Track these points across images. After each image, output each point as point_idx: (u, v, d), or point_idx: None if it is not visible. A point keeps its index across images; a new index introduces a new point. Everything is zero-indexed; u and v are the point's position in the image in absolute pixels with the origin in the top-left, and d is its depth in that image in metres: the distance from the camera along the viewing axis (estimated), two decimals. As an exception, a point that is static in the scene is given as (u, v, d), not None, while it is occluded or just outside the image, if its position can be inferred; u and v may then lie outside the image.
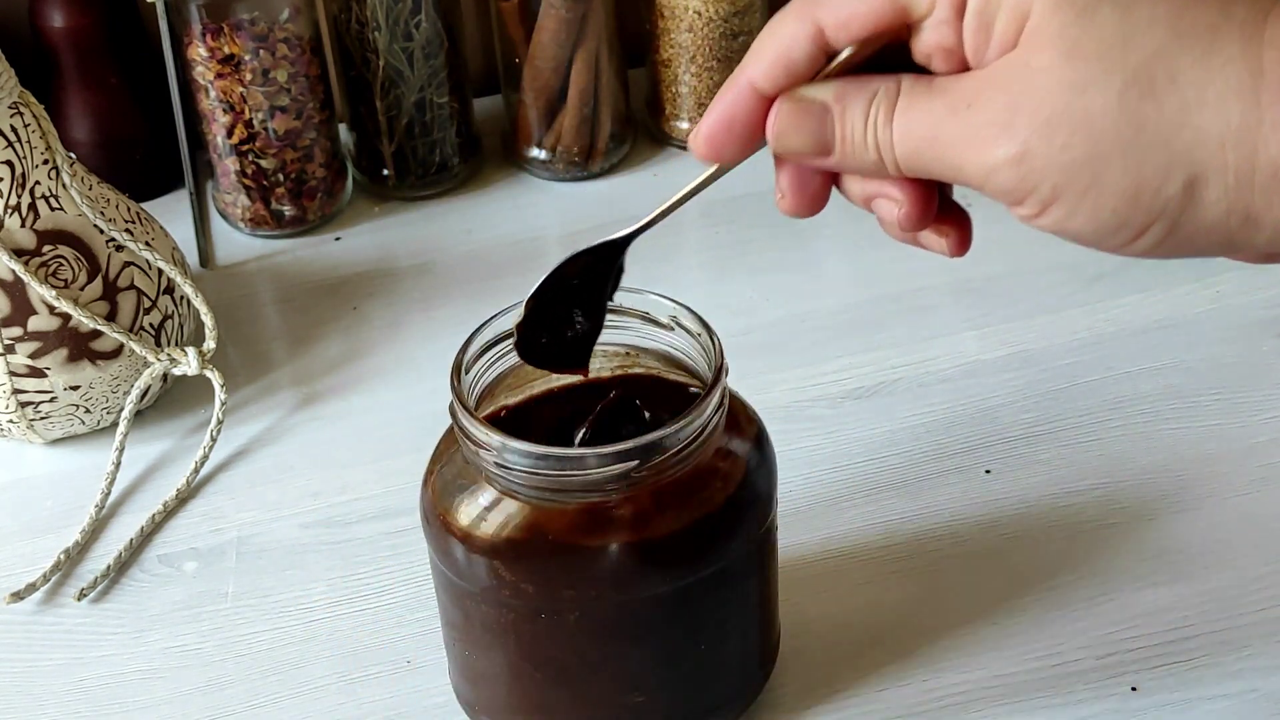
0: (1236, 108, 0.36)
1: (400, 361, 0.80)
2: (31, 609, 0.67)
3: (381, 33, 0.87)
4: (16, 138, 0.69)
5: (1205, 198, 0.37)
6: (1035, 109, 0.37)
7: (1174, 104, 0.36)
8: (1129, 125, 0.37)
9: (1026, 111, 0.37)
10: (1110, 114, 0.37)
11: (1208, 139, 0.36)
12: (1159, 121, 0.36)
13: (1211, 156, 0.36)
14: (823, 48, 0.41)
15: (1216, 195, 0.37)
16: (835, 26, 0.40)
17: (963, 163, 0.39)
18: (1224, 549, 0.65)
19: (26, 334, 0.70)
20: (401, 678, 0.62)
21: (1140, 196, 0.37)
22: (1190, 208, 0.37)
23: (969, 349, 0.77)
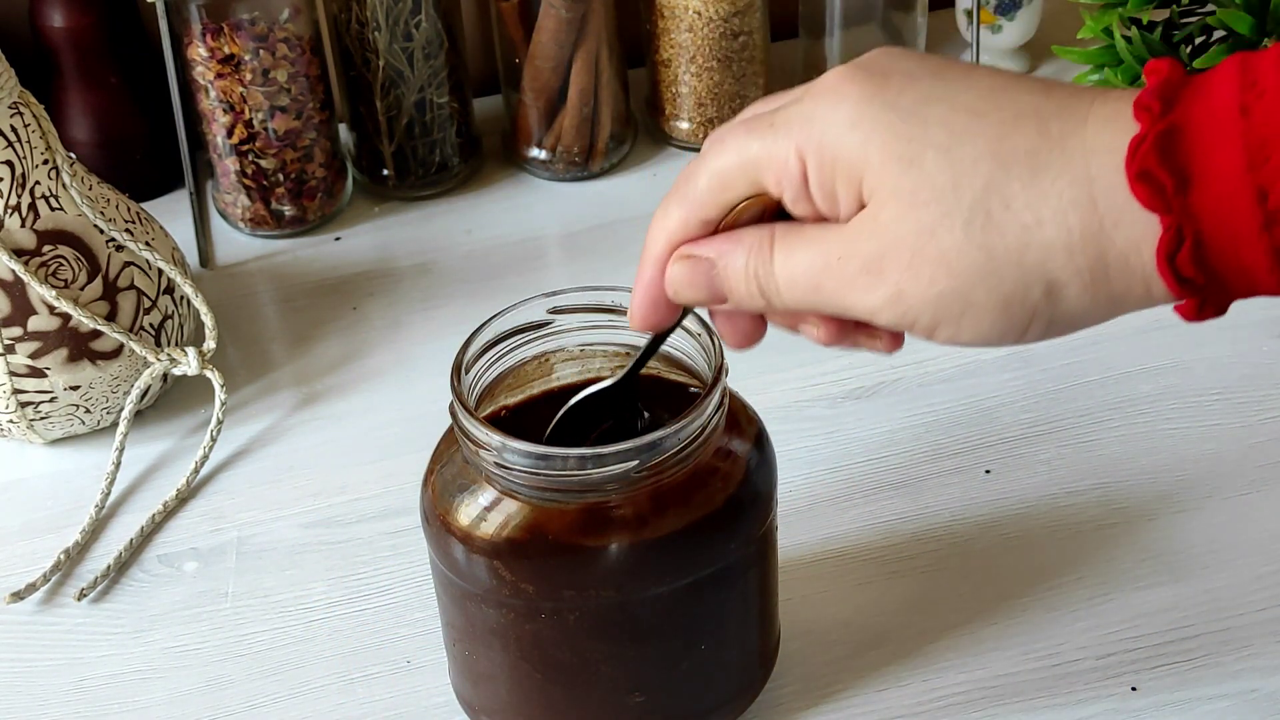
0: (1075, 218, 0.39)
1: (400, 361, 0.80)
2: (31, 609, 0.67)
3: (381, 33, 0.87)
4: (16, 138, 0.69)
5: (1068, 296, 0.40)
6: (897, 256, 0.41)
7: (1014, 229, 0.39)
8: (980, 254, 0.40)
9: (891, 259, 0.41)
10: (961, 249, 0.40)
11: (1055, 252, 0.39)
12: (1005, 247, 0.40)
13: (1062, 267, 0.40)
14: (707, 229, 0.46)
15: (1077, 292, 0.40)
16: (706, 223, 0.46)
17: (848, 305, 0.43)
18: (1224, 549, 0.65)
19: (26, 334, 0.70)
20: (401, 678, 0.62)
21: (1010, 308, 0.40)
22: (1059, 306, 0.40)
23: (969, 349, 0.77)
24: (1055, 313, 0.40)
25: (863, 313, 0.42)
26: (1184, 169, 0.38)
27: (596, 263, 0.87)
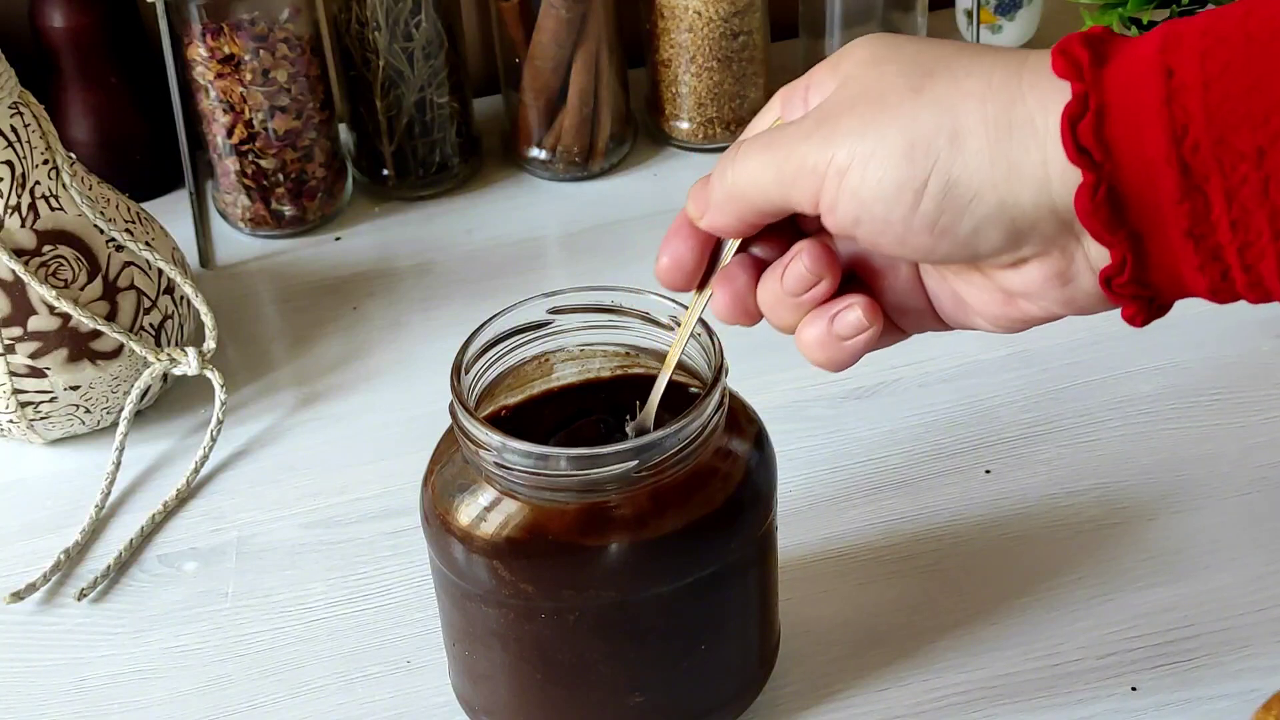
0: (999, 74, 0.42)
1: (400, 361, 0.80)
2: (31, 609, 0.67)
3: (381, 33, 0.87)
4: (16, 138, 0.69)
5: (969, 146, 0.41)
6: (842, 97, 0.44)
7: (945, 77, 0.42)
8: (909, 92, 0.42)
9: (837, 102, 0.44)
10: (896, 88, 0.43)
11: (969, 98, 0.41)
12: (932, 89, 0.42)
13: (972, 110, 0.41)
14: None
15: (978, 145, 0.41)
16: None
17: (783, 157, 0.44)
18: (1224, 549, 0.65)
19: (26, 334, 0.70)
20: (401, 678, 0.62)
21: (914, 149, 0.41)
22: (958, 159, 0.41)
23: (969, 349, 0.77)
24: (953, 168, 0.41)
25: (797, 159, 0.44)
26: (1103, 52, 0.40)
27: (596, 263, 0.87)
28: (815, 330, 0.47)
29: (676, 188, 0.94)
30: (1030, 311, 0.45)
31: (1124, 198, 0.40)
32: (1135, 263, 0.41)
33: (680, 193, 0.99)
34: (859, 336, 0.46)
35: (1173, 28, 0.39)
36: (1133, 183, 0.39)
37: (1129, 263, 0.41)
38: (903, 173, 0.42)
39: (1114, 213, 0.40)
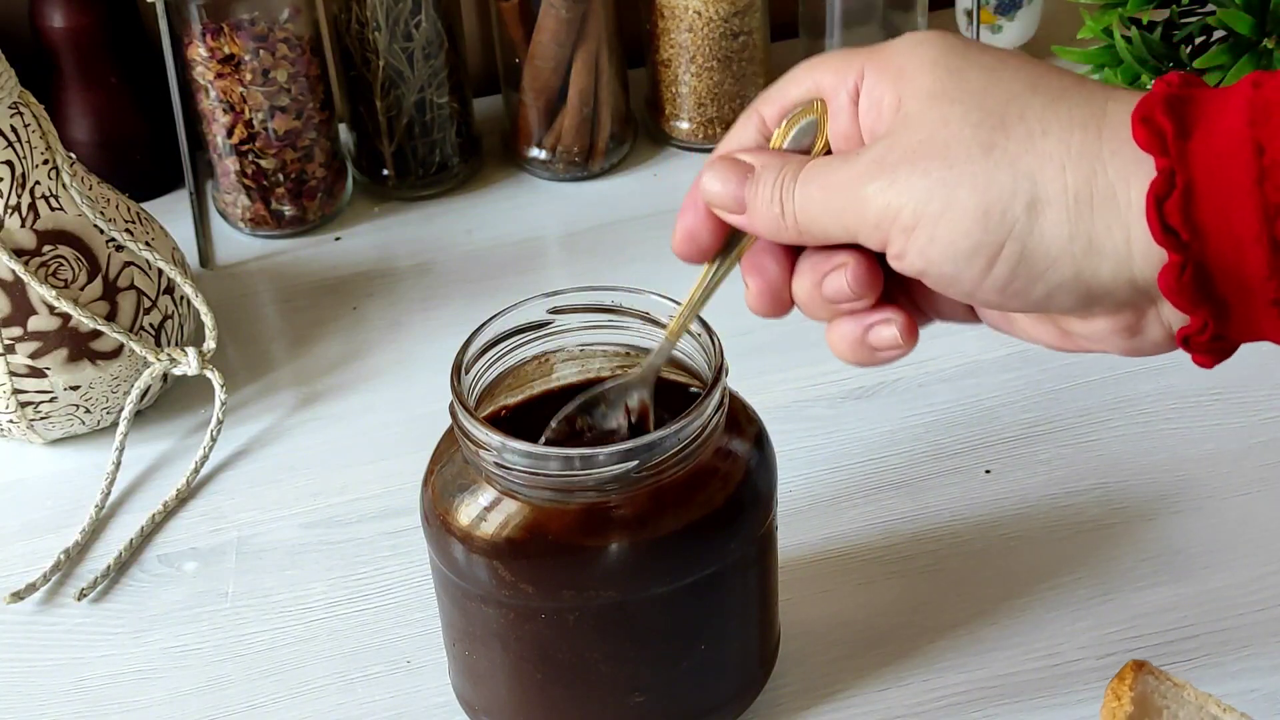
0: (1078, 137, 0.40)
1: (400, 361, 0.80)
2: (31, 609, 0.67)
3: (381, 33, 0.87)
4: (16, 138, 0.69)
5: (1048, 217, 0.40)
6: (905, 142, 0.42)
7: (1020, 133, 0.40)
8: (979, 149, 0.40)
9: (898, 146, 0.42)
10: (964, 141, 0.41)
11: (1048, 162, 0.40)
12: (1005, 147, 0.40)
13: (1051, 179, 0.40)
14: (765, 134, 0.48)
15: (1057, 217, 0.40)
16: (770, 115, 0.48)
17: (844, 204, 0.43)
18: (1224, 549, 0.65)
19: (26, 334, 0.70)
20: (401, 678, 0.62)
21: (989, 216, 0.40)
22: (1035, 229, 0.40)
23: (969, 349, 0.77)
24: (1030, 238, 0.40)
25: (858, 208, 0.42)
26: (1186, 121, 0.38)
27: (596, 263, 0.87)
28: (849, 332, 0.46)
29: (676, 188, 0.94)
30: (1086, 347, 0.45)
31: (1210, 274, 0.39)
32: (1216, 327, 0.40)
33: (681, 193, 0.98)
34: (891, 352, 0.46)
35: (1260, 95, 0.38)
36: (1220, 261, 0.39)
37: (1210, 327, 0.40)
38: (976, 238, 0.40)
39: (1199, 288, 0.39)
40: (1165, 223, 0.38)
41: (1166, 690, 0.47)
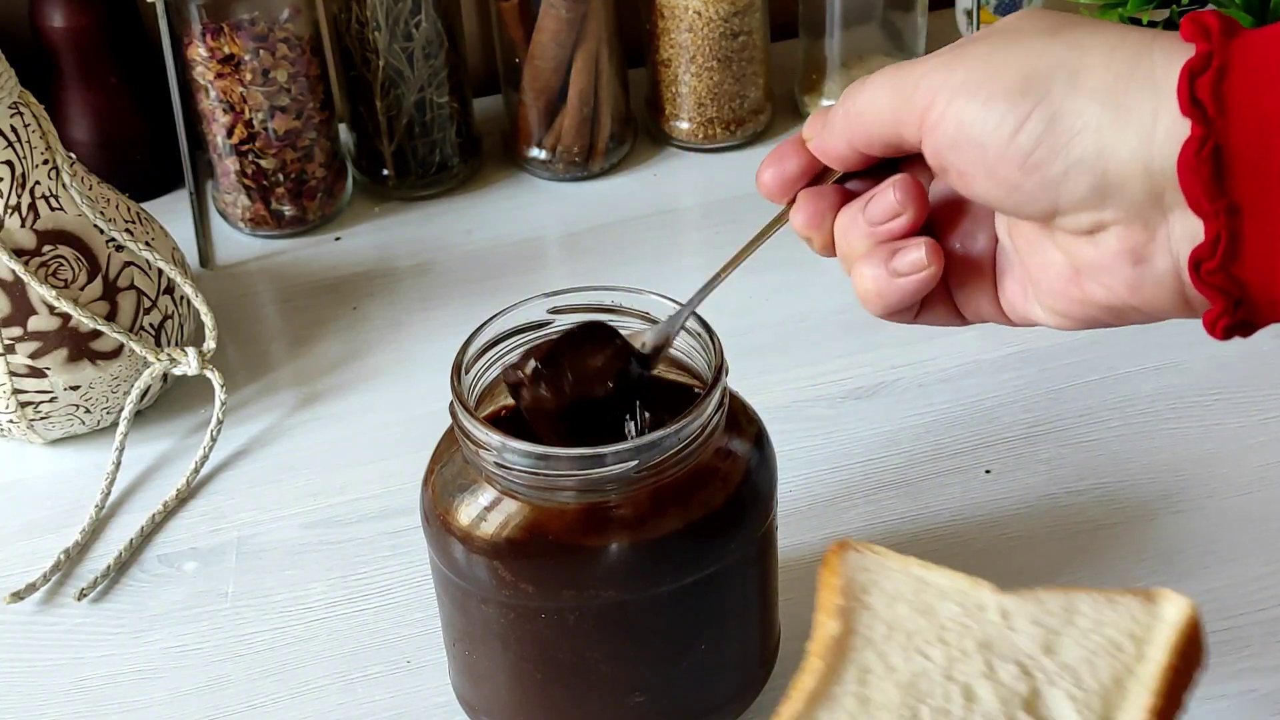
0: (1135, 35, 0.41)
1: (400, 361, 0.80)
2: (31, 609, 0.67)
3: (381, 33, 0.87)
4: (16, 138, 0.69)
5: (1085, 84, 0.41)
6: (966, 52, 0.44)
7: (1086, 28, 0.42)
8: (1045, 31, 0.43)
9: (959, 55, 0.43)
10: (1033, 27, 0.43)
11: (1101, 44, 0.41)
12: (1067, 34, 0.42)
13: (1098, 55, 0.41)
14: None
15: (1094, 84, 0.41)
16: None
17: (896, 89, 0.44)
18: (1224, 549, 0.65)
19: (26, 334, 0.70)
20: (401, 678, 0.62)
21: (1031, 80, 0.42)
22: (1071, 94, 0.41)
23: (969, 349, 0.77)
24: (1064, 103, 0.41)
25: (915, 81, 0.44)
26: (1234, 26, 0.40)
27: (596, 263, 0.87)
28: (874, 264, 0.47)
29: (676, 188, 0.94)
30: (1094, 294, 0.44)
31: (1230, 162, 0.39)
32: (1229, 245, 0.40)
33: (681, 193, 0.99)
34: (914, 275, 0.47)
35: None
36: (1243, 145, 0.38)
37: (1222, 242, 0.40)
38: (1012, 100, 0.42)
39: (1216, 176, 0.39)
40: (1194, 95, 0.39)
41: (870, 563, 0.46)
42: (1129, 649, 0.43)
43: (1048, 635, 0.43)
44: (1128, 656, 0.42)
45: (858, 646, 0.43)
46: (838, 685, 0.42)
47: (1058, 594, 0.45)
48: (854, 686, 0.42)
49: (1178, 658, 0.42)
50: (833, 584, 0.45)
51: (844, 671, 0.43)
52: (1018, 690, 0.41)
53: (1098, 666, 0.42)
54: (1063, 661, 0.42)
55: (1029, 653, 0.43)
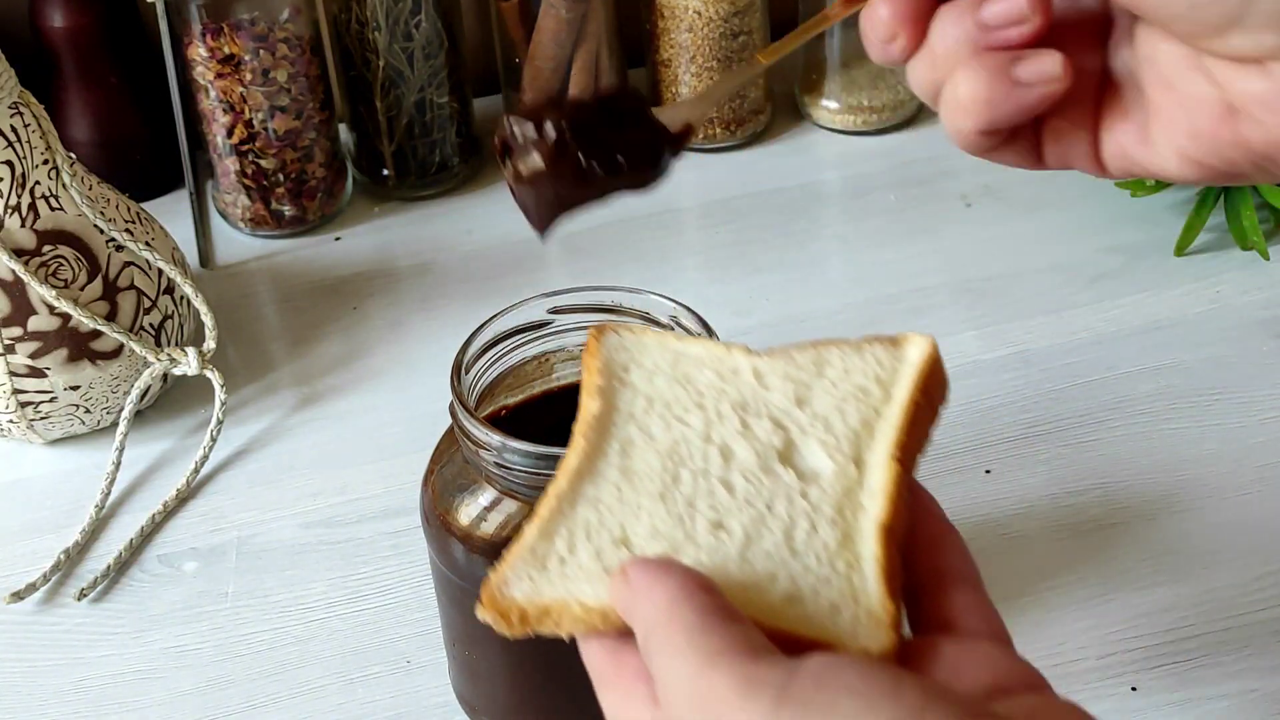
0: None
1: (400, 361, 0.80)
2: (31, 609, 0.67)
3: (381, 33, 0.87)
4: (16, 138, 0.69)
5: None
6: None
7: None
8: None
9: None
10: None
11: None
12: None
13: None
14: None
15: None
16: None
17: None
18: (1224, 549, 0.65)
19: (26, 334, 0.70)
20: (401, 678, 0.62)
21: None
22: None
23: (969, 349, 0.77)
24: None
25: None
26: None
27: (596, 263, 0.87)
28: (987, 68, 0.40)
29: (677, 188, 0.93)
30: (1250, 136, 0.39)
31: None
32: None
33: (681, 192, 0.99)
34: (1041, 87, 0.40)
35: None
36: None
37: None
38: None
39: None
40: None
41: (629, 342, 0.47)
42: (876, 393, 0.44)
43: (799, 389, 0.44)
44: (875, 399, 0.44)
45: (619, 422, 0.44)
46: (601, 460, 0.43)
47: (808, 349, 0.46)
48: (617, 459, 0.43)
49: (920, 394, 0.44)
50: (593, 366, 0.46)
51: (606, 446, 0.43)
52: (772, 443, 0.42)
53: (847, 412, 0.43)
54: (814, 411, 0.43)
55: (782, 407, 0.43)
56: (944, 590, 0.40)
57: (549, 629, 0.39)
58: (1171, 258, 0.82)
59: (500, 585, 0.40)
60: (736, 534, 0.40)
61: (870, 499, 0.41)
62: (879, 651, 0.37)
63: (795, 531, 0.40)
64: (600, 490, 0.42)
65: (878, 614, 0.38)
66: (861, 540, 0.40)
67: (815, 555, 0.39)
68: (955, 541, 0.43)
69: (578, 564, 0.40)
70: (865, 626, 0.38)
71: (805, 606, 0.38)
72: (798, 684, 0.33)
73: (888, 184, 0.92)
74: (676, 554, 0.40)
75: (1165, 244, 0.83)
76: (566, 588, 0.40)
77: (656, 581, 0.36)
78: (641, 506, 0.41)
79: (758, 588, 0.38)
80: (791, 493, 0.41)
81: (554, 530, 0.41)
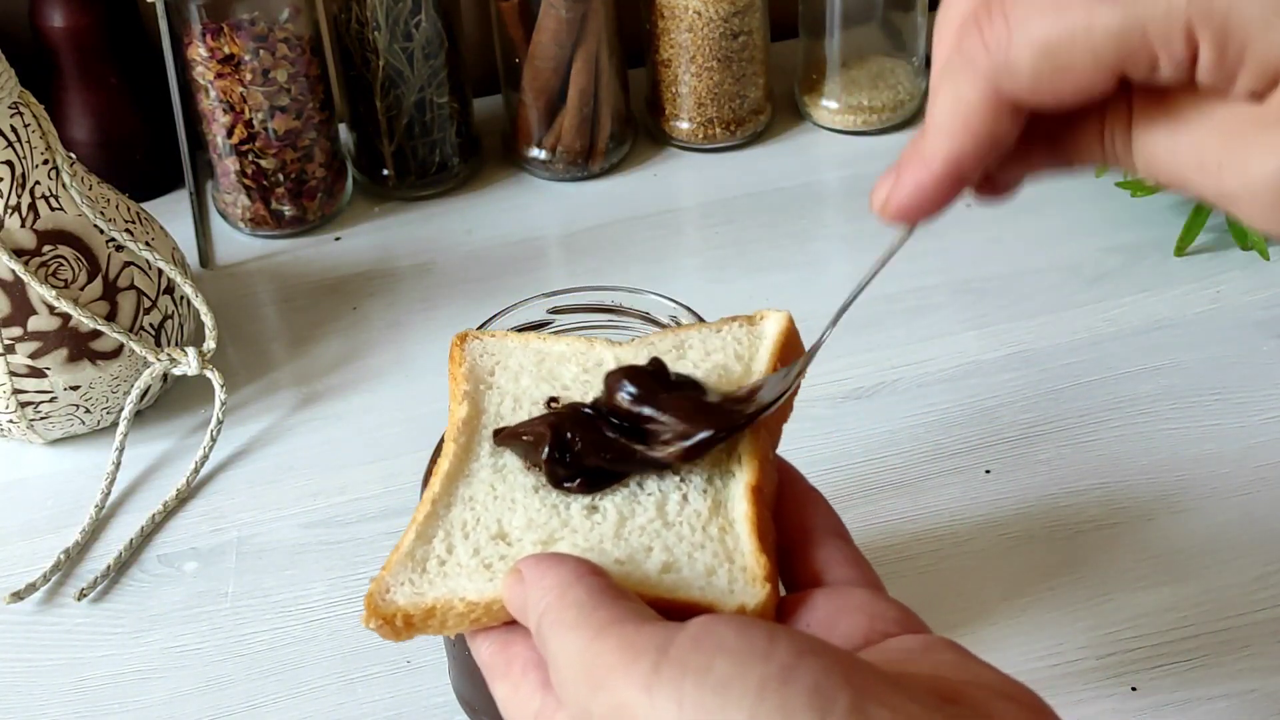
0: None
1: (400, 361, 0.80)
2: (31, 609, 0.67)
3: (381, 33, 0.87)
4: (16, 138, 0.69)
5: None
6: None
7: None
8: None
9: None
10: None
11: None
12: None
13: None
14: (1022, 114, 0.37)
15: None
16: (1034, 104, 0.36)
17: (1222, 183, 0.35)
18: (1224, 549, 0.65)
19: (26, 334, 0.70)
20: (401, 678, 0.62)
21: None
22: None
23: (969, 349, 0.77)
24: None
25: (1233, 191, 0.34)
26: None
27: (596, 263, 0.87)
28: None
29: (676, 188, 0.94)
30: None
31: None
32: None
33: (681, 193, 0.99)
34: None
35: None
36: None
37: None
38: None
39: None
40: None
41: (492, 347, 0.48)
42: (736, 369, 0.46)
43: None
44: (736, 376, 0.45)
45: (487, 423, 0.46)
46: (473, 461, 0.44)
47: (669, 336, 0.47)
48: (488, 459, 0.44)
49: (778, 363, 0.46)
50: (458, 373, 0.47)
51: (477, 448, 0.45)
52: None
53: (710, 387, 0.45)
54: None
55: None
56: (813, 545, 0.42)
57: (433, 630, 0.40)
58: (1171, 258, 0.82)
59: (380, 593, 0.41)
60: (610, 514, 0.42)
61: (738, 466, 0.42)
62: (756, 606, 0.38)
63: (667, 505, 0.42)
64: (474, 489, 0.43)
65: (752, 570, 0.39)
66: (732, 504, 0.41)
67: (688, 524, 0.41)
68: (820, 501, 0.44)
69: (456, 562, 0.41)
70: (740, 584, 0.39)
71: (682, 573, 0.40)
72: (676, 646, 0.34)
73: (888, 184, 0.92)
74: (553, 541, 0.41)
75: (1165, 244, 0.83)
76: (448, 586, 0.41)
77: (549, 570, 0.38)
78: (516, 500, 0.43)
79: (635, 562, 0.40)
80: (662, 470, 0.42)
81: (431, 533, 0.42)
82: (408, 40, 0.87)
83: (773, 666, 0.33)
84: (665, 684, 0.33)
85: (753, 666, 0.33)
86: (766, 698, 0.32)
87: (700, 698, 0.33)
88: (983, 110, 0.36)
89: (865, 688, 0.33)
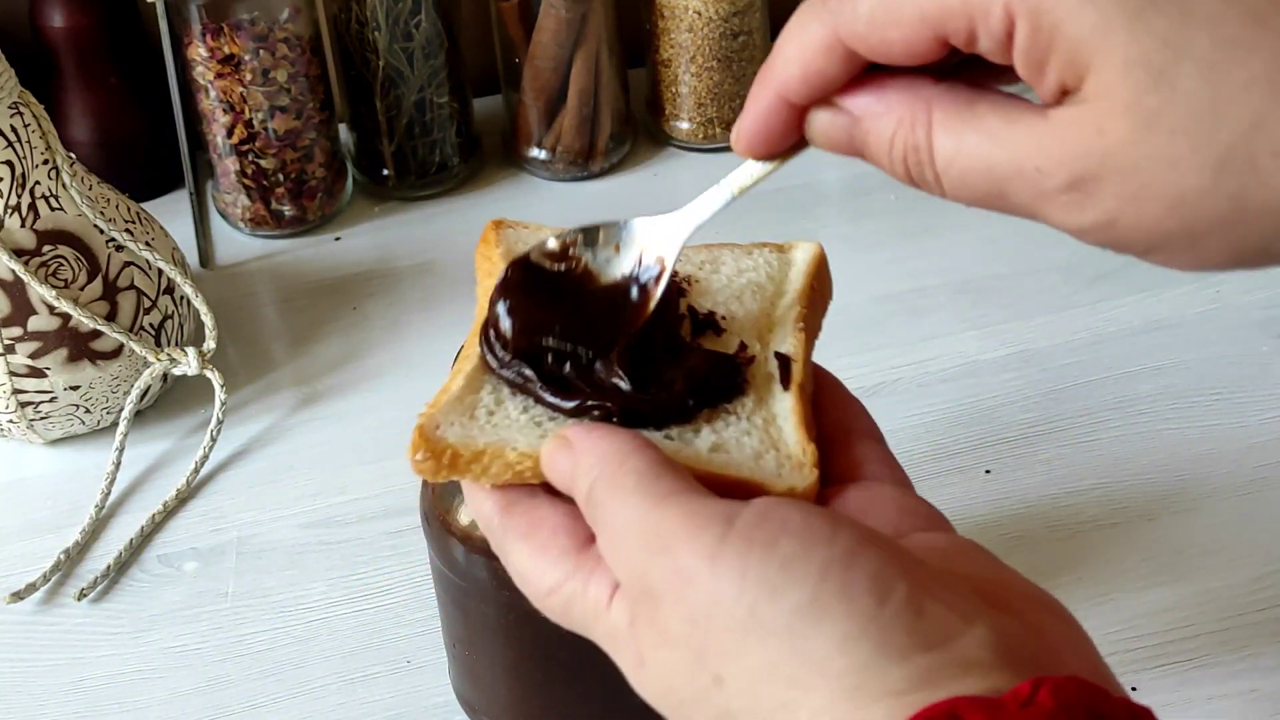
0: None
1: (400, 361, 0.80)
2: (31, 609, 0.67)
3: (381, 33, 0.87)
4: (16, 138, 0.69)
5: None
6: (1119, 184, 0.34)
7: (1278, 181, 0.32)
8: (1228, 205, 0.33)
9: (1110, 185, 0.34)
10: (1205, 195, 0.33)
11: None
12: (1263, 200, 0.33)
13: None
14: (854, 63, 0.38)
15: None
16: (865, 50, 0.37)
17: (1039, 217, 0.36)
18: (1224, 549, 0.65)
19: (26, 334, 0.70)
20: (401, 678, 0.62)
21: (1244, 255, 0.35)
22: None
23: (969, 349, 0.77)
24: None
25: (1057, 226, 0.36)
26: None
27: (596, 263, 0.87)
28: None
29: (676, 188, 0.94)
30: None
31: None
32: None
33: (680, 193, 0.99)
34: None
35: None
36: None
37: None
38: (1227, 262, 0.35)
39: None
40: None
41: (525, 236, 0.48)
42: (769, 287, 0.47)
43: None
44: (769, 293, 0.47)
45: None
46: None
47: (701, 250, 0.49)
48: None
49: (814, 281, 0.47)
50: (493, 254, 0.47)
51: None
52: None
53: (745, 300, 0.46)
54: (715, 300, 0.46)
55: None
56: (849, 443, 0.42)
57: (474, 474, 0.39)
58: (1171, 258, 0.82)
59: (431, 427, 0.40)
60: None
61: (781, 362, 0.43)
62: (803, 489, 0.39)
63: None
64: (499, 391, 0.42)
65: (798, 456, 0.40)
66: (775, 400, 0.42)
67: (735, 414, 0.42)
68: (858, 405, 0.45)
69: (506, 415, 0.41)
70: (787, 469, 0.40)
71: (730, 454, 0.40)
72: (742, 520, 0.35)
73: (888, 184, 0.91)
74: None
75: (1165, 244, 0.83)
76: (498, 435, 0.40)
77: (603, 439, 0.38)
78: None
79: (684, 439, 0.40)
80: None
81: (479, 384, 0.42)
82: (408, 40, 0.87)
83: (836, 550, 0.33)
84: (730, 554, 0.34)
85: (817, 549, 0.33)
86: (829, 579, 0.33)
87: (765, 572, 0.33)
88: (818, 48, 0.38)
89: (921, 581, 0.33)
